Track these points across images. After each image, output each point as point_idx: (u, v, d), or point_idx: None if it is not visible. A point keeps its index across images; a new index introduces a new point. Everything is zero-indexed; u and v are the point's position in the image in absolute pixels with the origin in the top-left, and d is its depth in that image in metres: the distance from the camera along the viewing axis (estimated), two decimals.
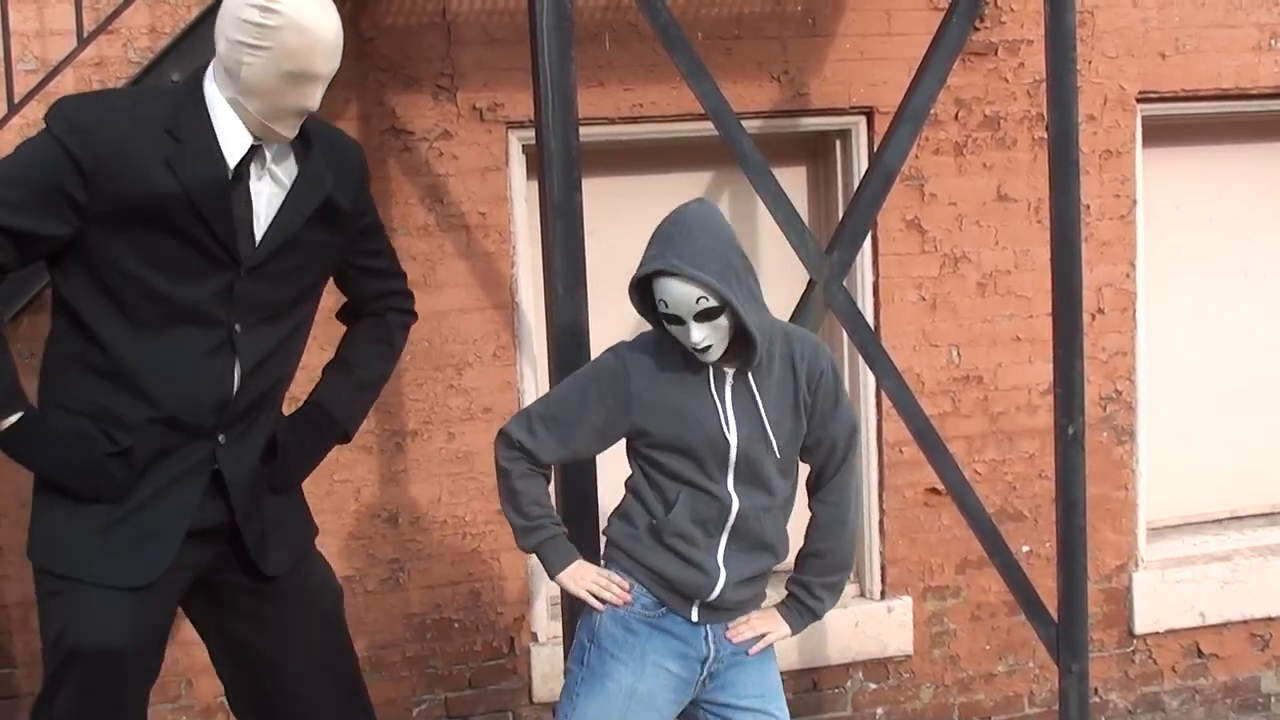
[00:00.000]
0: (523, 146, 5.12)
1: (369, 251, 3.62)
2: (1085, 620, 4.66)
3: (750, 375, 3.37)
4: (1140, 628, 5.86)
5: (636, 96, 5.14)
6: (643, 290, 3.33)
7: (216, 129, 3.17)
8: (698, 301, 3.22)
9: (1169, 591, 5.87)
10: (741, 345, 3.33)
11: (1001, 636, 5.73)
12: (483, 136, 5.04)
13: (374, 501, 5.07)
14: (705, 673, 3.47)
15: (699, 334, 3.24)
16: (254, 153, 3.21)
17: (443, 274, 5.04)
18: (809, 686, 5.55)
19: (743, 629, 3.48)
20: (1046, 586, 4.81)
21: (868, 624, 5.57)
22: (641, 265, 3.29)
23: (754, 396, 3.37)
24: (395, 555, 5.11)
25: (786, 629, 3.55)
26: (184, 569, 3.32)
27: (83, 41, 4.11)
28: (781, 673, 5.38)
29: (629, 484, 3.49)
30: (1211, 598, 5.91)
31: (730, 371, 3.37)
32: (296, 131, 3.23)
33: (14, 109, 4.08)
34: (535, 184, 4.17)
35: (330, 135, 3.47)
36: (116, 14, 4.18)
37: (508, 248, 5.12)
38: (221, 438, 3.29)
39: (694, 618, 3.42)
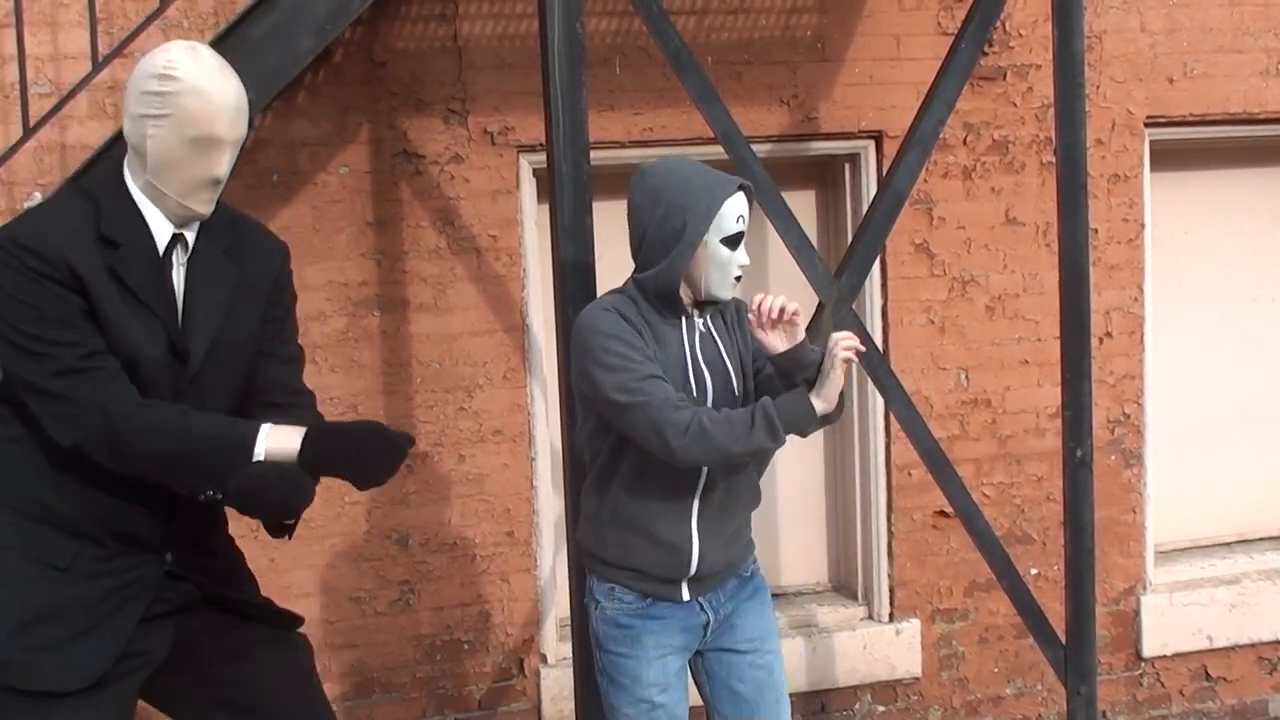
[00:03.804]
0: (533, 170, 5.15)
1: (271, 340, 3.40)
2: (1093, 643, 4.67)
3: (710, 323, 3.49)
4: (1148, 651, 5.86)
5: (647, 120, 5.17)
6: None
7: (147, 220, 3.13)
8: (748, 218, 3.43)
9: (1177, 615, 5.87)
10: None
11: (1010, 659, 5.73)
12: (494, 160, 5.07)
13: (384, 523, 5.08)
14: (707, 634, 3.54)
15: (745, 256, 3.41)
16: (174, 244, 3.16)
17: (453, 297, 5.07)
18: (818, 709, 5.55)
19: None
20: (1055, 609, 4.82)
21: (876, 646, 5.58)
22: (719, 185, 3.35)
23: (716, 344, 3.47)
24: (405, 577, 5.12)
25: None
26: (141, 655, 3.20)
27: (97, 66, 4.13)
28: (790, 695, 5.40)
29: (589, 481, 3.54)
30: (1219, 621, 5.91)
31: (700, 320, 3.47)
32: (212, 206, 3.17)
33: (29, 132, 4.10)
34: (546, 207, 4.20)
35: (257, 235, 3.41)
36: (131, 38, 4.20)
37: (518, 270, 5.14)
38: (169, 555, 3.21)
39: (684, 597, 3.47)
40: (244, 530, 3.52)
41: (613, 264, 4.51)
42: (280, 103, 4.77)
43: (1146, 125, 5.70)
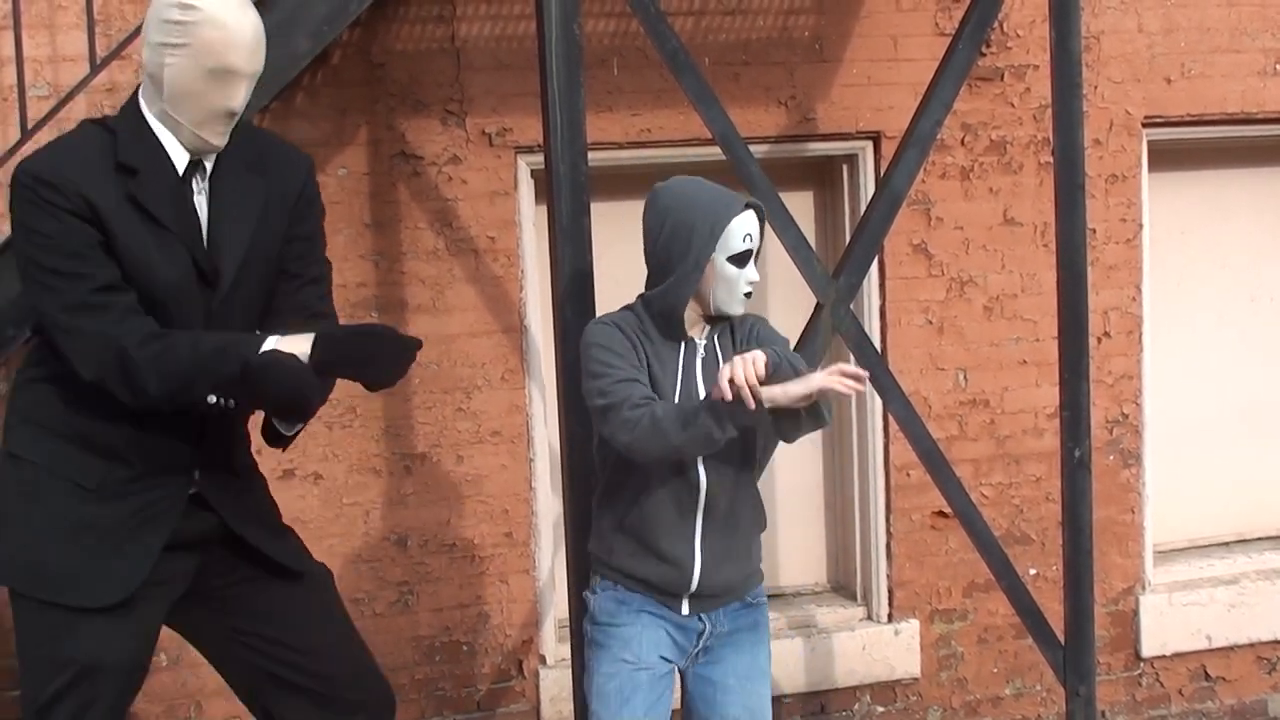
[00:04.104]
0: (531, 171, 5.15)
1: (299, 259, 3.46)
2: (1092, 643, 4.67)
3: (716, 343, 3.50)
4: (1147, 651, 5.87)
5: (645, 121, 5.17)
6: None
7: (164, 146, 3.20)
8: (759, 235, 3.48)
9: (1176, 615, 5.87)
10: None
11: (1009, 659, 5.73)
12: (491, 161, 5.07)
13: (383, 524, 5.08)
14: (700, 645, 3.54)
15: (754, 273, 3.47)
16: (193, 169, 3.23)
17: (451, 298, 5.07)
18: (817, 710, 5.55)
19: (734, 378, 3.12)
20: (1053, 609, 4.82)
21: (875, 647, 5.58)
22: (726, 204, 3.40)
23: (719, 362, 3.45)
24: (404, 578, 5.12)
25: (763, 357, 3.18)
26: (165, 583, 3.30)
27: (95, 68, 4.14)
28: (789, 696, 5.44)
29: (598, 490, 3.58)
30: (1218, 621, 5.91)
31: (702, 343, 3.49)
32: (226, 138, 3.23)
33: (27, 135, 4.10)
34: (544, 208, 4.20)
35: (278, 146, 3.48)
36: (129, 40, 4.20)
37: (516, 272, 5.14)
38: (197, 473, 3.29)
39: (684, 611, 3.50)
40: None
41: (611, 265, 4.52)
42: (278, 104, 4.77)
43: (1144, 125, 5.70)
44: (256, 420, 3.45)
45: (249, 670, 3.55)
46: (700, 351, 3.48)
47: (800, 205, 5.53)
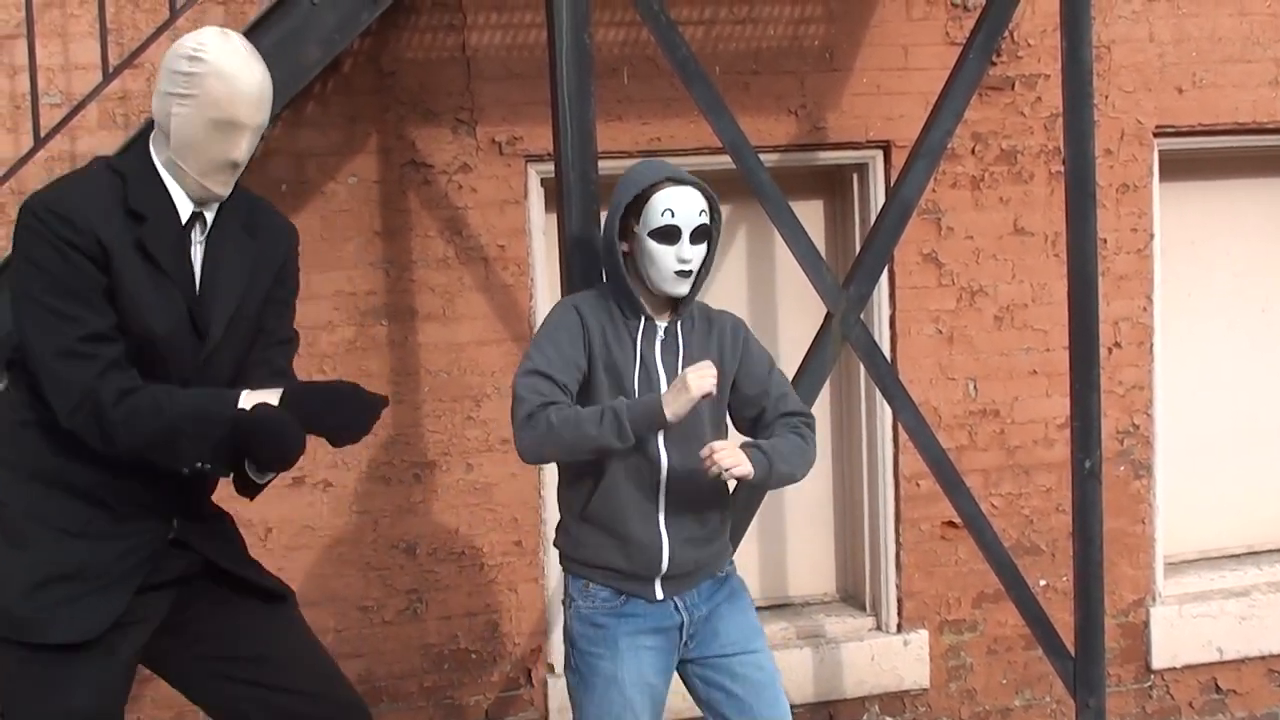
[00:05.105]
0: (541, 180, 5.15)
1: (276, 319, 3.46)
2: (1102, 655, 4.66)
3: (679, 329, 3.52)
4: (1158, 663, 5.85)
5: (655, 130, 5.18)
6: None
7: (171, 195, 3.22)
8: (699, 214, 3.42)
9: (1186, 626, 5.86)
10: (677, 300, 3.52)
11: (1018, 671, 5.71)
12: (502, 170, 5.08)
13: (392, 532, 5.08)
14: (684, 637, 3.55)
15: (690, 251, 3.40)
16: (194, 220, 3.26)
17: (461, 306, 5.07)
18: None
19: (716, 455, 3.31)
20: (1063, 621, 4.81)
21: (884, 657, 5.57)
22: (643, 178, 3.45)
23: (678, 351, 3.50)
24: (413, 586, 5.12)
25: (749, 466, 3.35)
26: (141, 621, 3.30)
27: (108, 76, 4.15)
28: (798, 706, 5.42)
29: (561, 481, 3.61)
30: (1229, 633, 5.89)
31: (662, 326, 3.52)
32: (230, 188, 3.26)
33: (40, 142, 4.11)
34: (554, 217, 4.20)
35: (267, 212, 3.48)
36: (141, 49, 4.21)
37: (526, 280, 5.14)
38: (175, 520, 3.30)
39: (658, 595, 3.50)
40: (250, 540, 3.55)
41: None
42: (289, 113, 4.78)
43: (1155, 135, 5.69)
44: None
45: (227, 698, 3.52)
46: (660, 334, 3.51)
47: (810, 214, 5.53)
